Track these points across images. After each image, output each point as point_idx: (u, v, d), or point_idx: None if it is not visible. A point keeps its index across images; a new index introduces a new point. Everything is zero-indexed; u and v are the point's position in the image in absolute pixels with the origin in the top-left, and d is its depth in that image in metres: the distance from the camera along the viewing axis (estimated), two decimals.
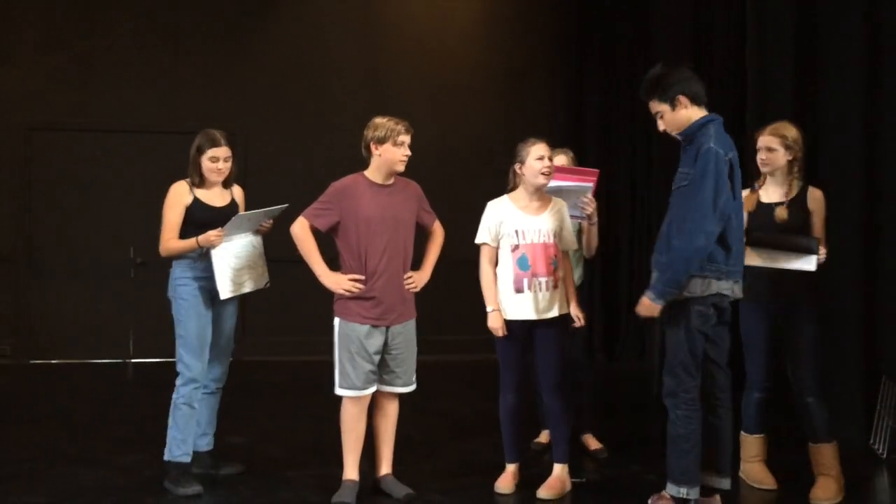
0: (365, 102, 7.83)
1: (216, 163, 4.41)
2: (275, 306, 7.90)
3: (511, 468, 4.44)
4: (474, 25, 8.66)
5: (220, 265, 4.34)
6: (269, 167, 8.12)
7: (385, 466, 4.38)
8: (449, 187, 7.47)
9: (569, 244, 4.41)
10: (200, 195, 4.43)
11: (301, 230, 4.20)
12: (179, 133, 4.48)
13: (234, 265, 4.40)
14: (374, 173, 4.24)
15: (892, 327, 4.95)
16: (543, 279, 4.24)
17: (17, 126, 7.98)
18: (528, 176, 4.29)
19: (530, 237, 4.26)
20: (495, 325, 4.25)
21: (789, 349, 4.32)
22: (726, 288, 3.82)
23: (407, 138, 4.21)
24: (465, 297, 4.36)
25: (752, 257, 4.15)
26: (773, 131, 4.34)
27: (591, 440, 5.07)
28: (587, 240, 4.75)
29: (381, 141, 4.17)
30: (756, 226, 4.22)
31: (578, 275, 4.80)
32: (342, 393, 4.20)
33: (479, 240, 4.33)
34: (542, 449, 5.01)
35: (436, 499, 4.27)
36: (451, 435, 5.50)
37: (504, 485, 4.38)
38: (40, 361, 7.95)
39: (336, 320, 4.21)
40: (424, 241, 4.45)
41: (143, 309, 7.78)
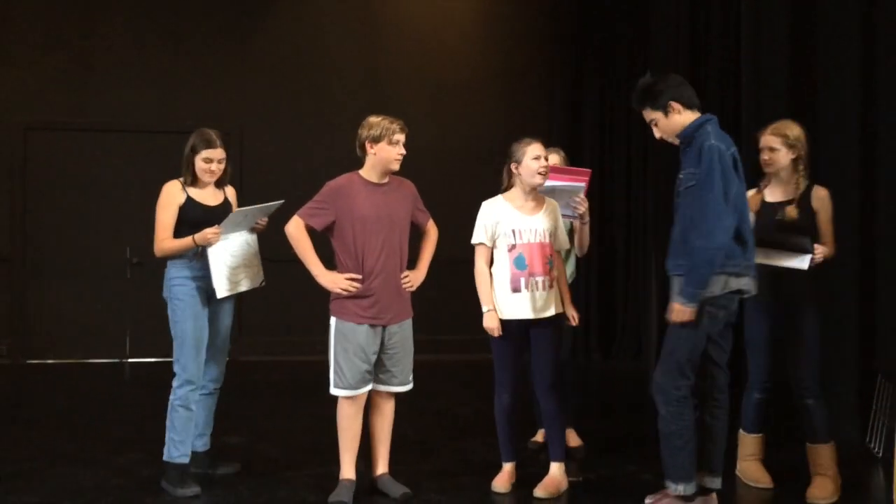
0: (364, 102, 7.83)
1: (209, 164, 4.39)
2: (271, 306, 7.91)
3: (507, 467, 4.44)
4: (473, 25, 8.67)
5: (216, 264, 4.32)
6: (267, 167, 8.14)
7: (382, 466, 4.38)
8: (447, 187, 7.49)
9: (562, 244, 4.43)
10: (193, 194, 4.40)
11: (296, 230, 4.18)
12: (177, 133, 4.47)
13: (230, 263, 4.38)
14: (369, 172, 4.23)
15: (888, 327, 4.95)
16: (540, 278, 4.25)
17: (14, 126, 7.98)
18: (524, 176, 4.29)
19: (527, 237, 4.26)
20: (491, 325, 4.26)
21: (791, 349, 4.30)
22: (744, 284, 3.79)
23: (402, 137, 4.20)
24: (462, 297, 4.37)
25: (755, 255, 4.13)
26: (775, 131, 4.30)
27: (571, 436, 5.04)
28: (579, 238, 4.76)
29: (376, 140, 4.16)
30: (761, 225, 4.18)
31: (570, 273, 4.82)
32: (337, 393, 4.19)
33: (475, 240, 4.33)
34: (539, 448, 5.01)
35: (433, 498, 4.27)
36: (447, 434, 5.50)
37: (501, 484, 4.38)
38: (37, 361, 7.95)
39: (332, 320, 4.20)
40: (418, 241, 4.45)
41: (140, 309, 7.78)
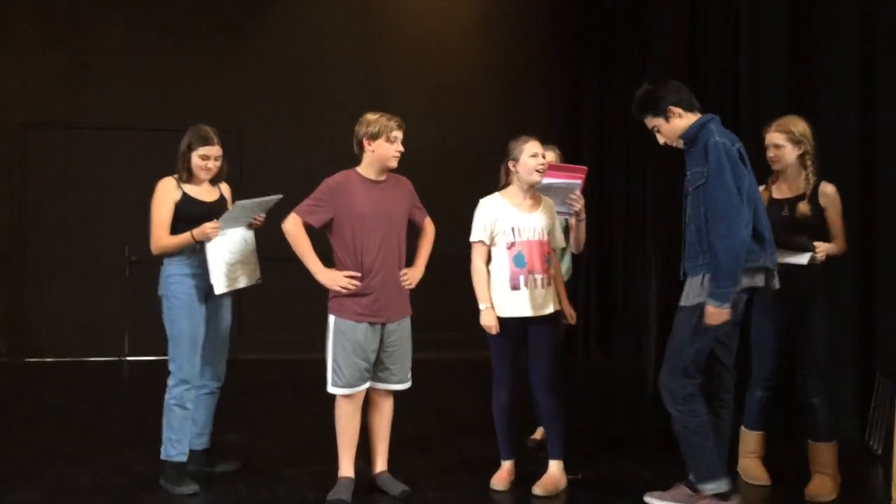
0: (363, 101, 7.77)
1: (206, 161, 4.38)
2: (271, 304, 7.91)
3: (506, 465, 4.44)
4: (473, 25, 8.67)
5: (214, 259, 4.31)
6: (266, 165, 8.13)
7: (381, 464, 4.37)
8: (447, 185, 7.49)
9: (558, 242, 4.44)
10: (189, 191, 4.38)
11: (293, 227, 4.16)
12: (176, 131, 4.45)
13: (227, 259, 4.37)
14: (366, 169, 4.22)
15: (887, 326, 4.96)
16: (539, 276, 4.25)
17: (13, 124, 7.98)
18: (522, 173, 4.29)
19: (526, 234, 4.26)
20: (489, 322, 4.25)
21: (798, 348, 4.28)
22: (757, 281, 3.74)
23: (400, 134, 4.19)
24: (461, 295, 4.36)
25: None
26: (779, 127, 4.27)
27: (541, 432, 5.01)
28: (575, 236, 4.75)
29: (374, 137, 4.15)
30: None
31: (565, 270, 4.82)
32: (335, 391, 4.18)
33: (474, 238, 4.32)
34: (538, 446, 5.01)
35: (431, 496, 4.27)
36: (446, 432, 5.50)
37: (499, 482, 4.38)
38: (36, 360, 7.96)
39: (331, 318, 4.19)
40: (416, 239, 4.44)
41: (139, 307, 7.77)
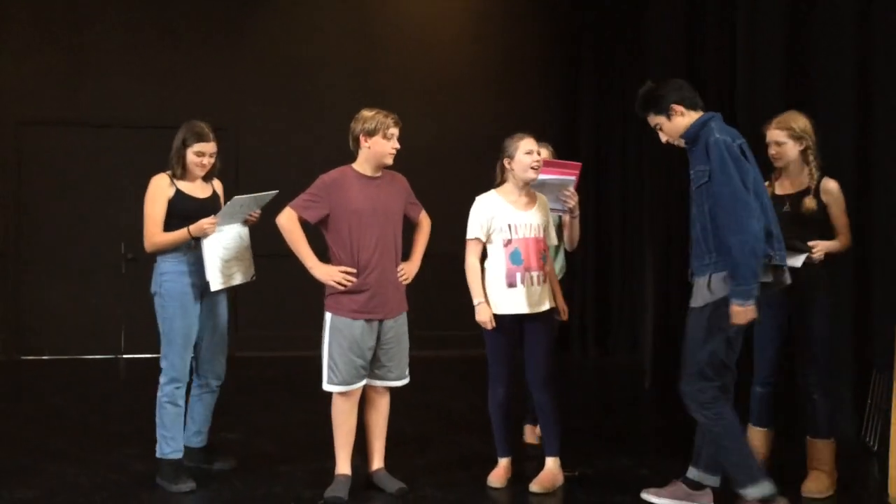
0: (359, 98, 7.75)
1: (202, 157, 4.37)
2: (267, 302, 7.90)
3: (503, 462, 4.44)
4: (470, 23, 8.66)
5: (210, 256, 4.30)
6: (262, 162, 8.12)
7: (377, 461, 4.37)
8: (444, 183, 7.47)
9: (552, 239, 4.45)
10: (183, 187, 4.37)
11: (288, 221, 4.15)
12: (172, 128, 4.44)
13: (223, 256, 4.36)
14: (362, 166, 4.21)
15: (883, 322, 4.96)
16: (535, 273, 4.25)
17: (6, 121, 7.95)
18: (517, 170, 4.29)
19: (522, 232, 4.26)
20: (484, 317, 4.24)
21: (798, 346, 4.27)
22: (768, 277, 3.70)
23: (396, 131, 4.18)
24: (458, 292, 4.35)
25: None
26: (779, 124, 4.25)
27: (529, 431, 4.99)
28: (569, 233, 4.75)
29: (371, 133, 4.14)
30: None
31: (559, 268, 4.82)
32: (330, 388, 4.17)
33: (470, 235, 4.31)
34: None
35: (428, 493, 4.27)
36: (443, 429, 5.50)
37: (496, 479, 4.38)
38: (32, 357, 7.94)
39: (328, 315, 4.18)
40: (412, 233, 4.43)
41: (135, 304, 7.73)
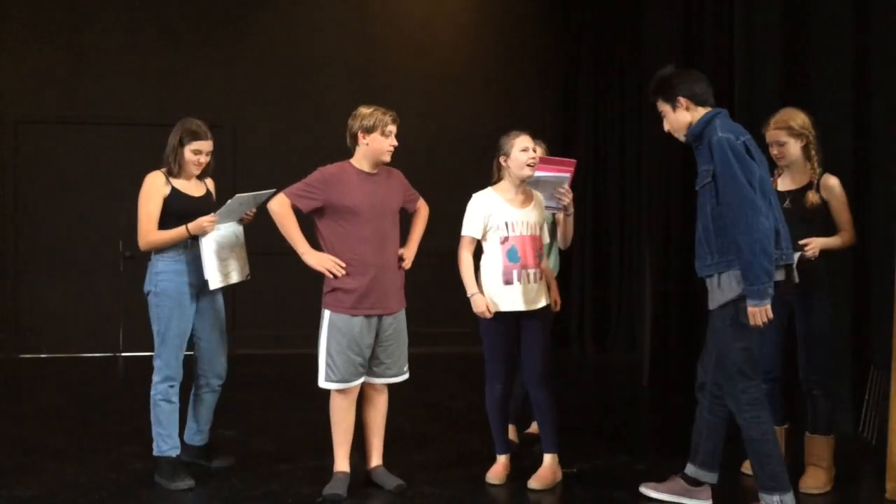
0: (357, 95, 7.77)
1: (198, 156, 4.36)
2: (265, 300, 7.90)
3: (502, 459, 4.44)
4: (467, 20, 8.67)
5: (208, 254, 4.30)
6: (260, 160, 8.12)
7: (376, 458, 4.37)
8: (442, 181, 7.45)
9: (546, 237, 4.46)
10: (178, 185, 4.36)
11: (280, 207, 4.14)
12: (170, 126, 4.43)
13: (221, 255, 4.36)
14: (360, 162, 4.21)
15: (881, 319, 4.97)
16: (532, 271, 4.25)
17: (5, 120, 7.95)
18: (513, 168, 4.29)
19: (519, 229, 4.26)
20: (480, 307, 4.23)
21: (801, 341, 4.27)
22: (779, 276, 3.69)
23: (394, 128, 4.18)
24: (457, 290, 4.35)
25: None
26: (778, 124, 4.24)
27: (511, 430, 4.93)
28: (563, 231, 4.75)
29: (369, 130, 4.14)
30: None
31: (552, 266, 4.81)
32: (328, 386, 4.16)
33: (466, 232, 4.30)
34: (533, 440, 5.02)
35: (427, 490, 4.27)
36: (442, 426, 5.51)
37: (495, 476, 4.38)
38: (30, 356, 7.94)
39: (326, 312, 4.17)
40: (409, 224, 4.42)
41: (133, 302, 7.71)
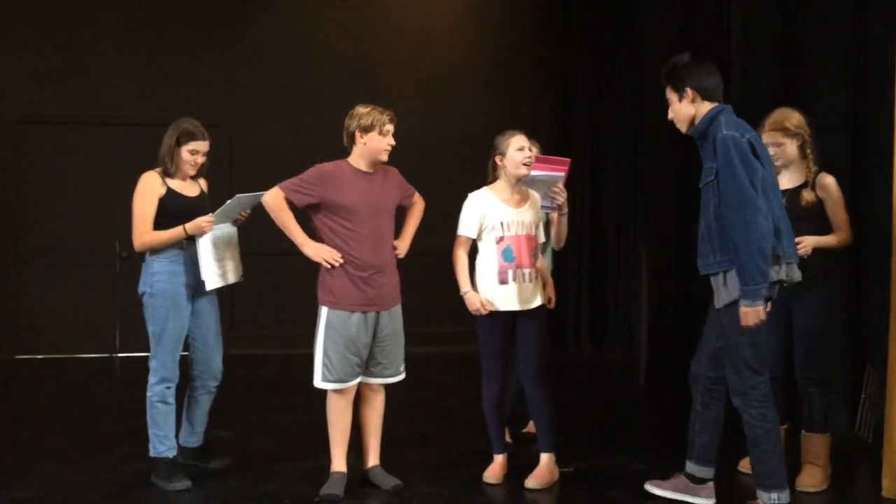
0: (354, 95, 7.72)
1: (195, 156, 4.36)
2: (262, 300, 7.88)
3: (499, 458, 4.44)
4: (463, 18, 8.66)
5: (205, 255, 4.29)
6: (256, 160, 8.09)
7: (373, 458, 4.37)
8: (440, 181, 7.42)
9: (541, 236, 4.46)
10: (173, 185, 4.35)
11: (275, 201, 4.14)
12: (166, 126, 4.43)
13: (216, 255, 4.36)
14: (357, 161, 4.20)
15: (877, 317, 4.97)
16: (527, 270, 4.25)
17: (2, 120, 7.93)
18: (509, 167, 4.29)
19: (515, 229, 4.26)
20: (475, 304, 4.24)
21: (797, 338, 4.27)
22: (782, 274, 3.68)
23: (392, 128, 4.18)
24: (454, 289, 4.35)
25: None
26: (773, 125, 4.23)
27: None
28: (557, 231, 4.75)
29: (367, 129, 4.14)
30: None
31: (546, 265, 4.80)
32: (325, 386, 4.15)
33: (463, 232, 4.30)
34: (530, 439, 5.02)
35: (424, 490, 4.27)
36: (439, 426, 5.50)
37: (492, 475, 4.38)
38: (26, 356, 7.92)
39: (323, 309, 4.15)
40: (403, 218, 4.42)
41: (130, 303, 7.68)
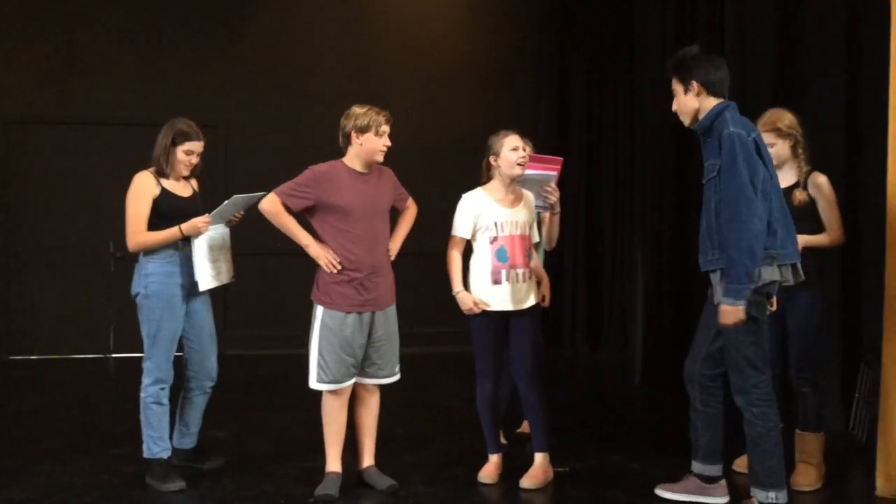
0: (351, 94, 7.71)
1: (190, 156, 4.35)
2: (257, 300, 7.88)
3: (494, 459, 4.44)
4: (461, 18, 8.66)
5: (200, 255, 4.29)
6: (253, 160, 8.09)
7: (368, 458, 4.36)
8: (435, 179, 7.45)
9: (535, 236, 4.47)
10: (167, 185, 4.35)
11: (272, 206, 4.14)
12: (161, 126, 4.42)
13: (211, 256, 4.35)
14: (353, 161, 4.20)
15: (872, 316, 4.98)
16: (521, 270, 4.26)
17: None
18: (503, 167, 4.29)
19: (508, 229, 4.26)
20: (467, 303, 4.24)
21: (790, 340, 4.27)
22: (777, 275, 3.68)
23: (388, 128, 4.18)
24: (449, 290, 4.35)
25: None
26: (765, 126, 4.22)
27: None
28: (549, 230, 4.74)
29: (363, 130, 4.13)
30: None
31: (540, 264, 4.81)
32: (320, 387, 4.14)
33: (457, 233, 4.30)
34: (524, 439, 5.02)
35: (419, 490, 4.27)
36: (434, 426, 5.50)
37: (487, 475, 4.38)
38: (20, 357, 7.90)
39: (318, 308, 4.14)
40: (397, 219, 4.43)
41: (124, 303, 7.64)
